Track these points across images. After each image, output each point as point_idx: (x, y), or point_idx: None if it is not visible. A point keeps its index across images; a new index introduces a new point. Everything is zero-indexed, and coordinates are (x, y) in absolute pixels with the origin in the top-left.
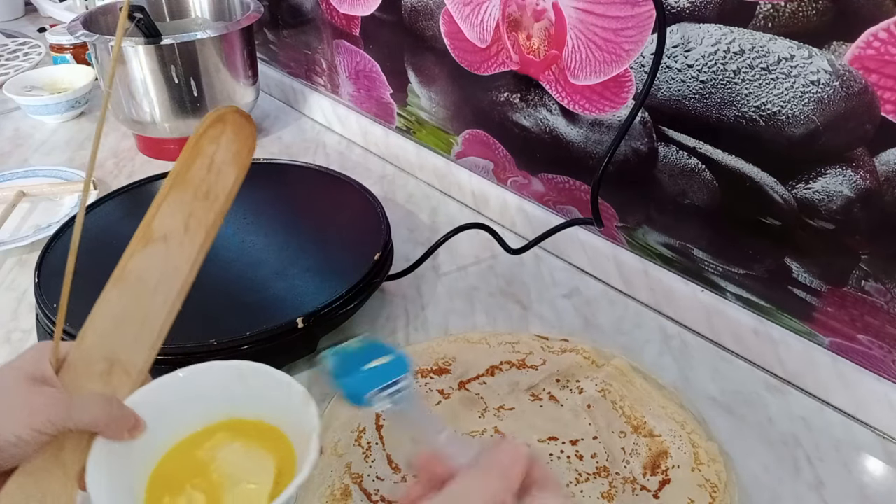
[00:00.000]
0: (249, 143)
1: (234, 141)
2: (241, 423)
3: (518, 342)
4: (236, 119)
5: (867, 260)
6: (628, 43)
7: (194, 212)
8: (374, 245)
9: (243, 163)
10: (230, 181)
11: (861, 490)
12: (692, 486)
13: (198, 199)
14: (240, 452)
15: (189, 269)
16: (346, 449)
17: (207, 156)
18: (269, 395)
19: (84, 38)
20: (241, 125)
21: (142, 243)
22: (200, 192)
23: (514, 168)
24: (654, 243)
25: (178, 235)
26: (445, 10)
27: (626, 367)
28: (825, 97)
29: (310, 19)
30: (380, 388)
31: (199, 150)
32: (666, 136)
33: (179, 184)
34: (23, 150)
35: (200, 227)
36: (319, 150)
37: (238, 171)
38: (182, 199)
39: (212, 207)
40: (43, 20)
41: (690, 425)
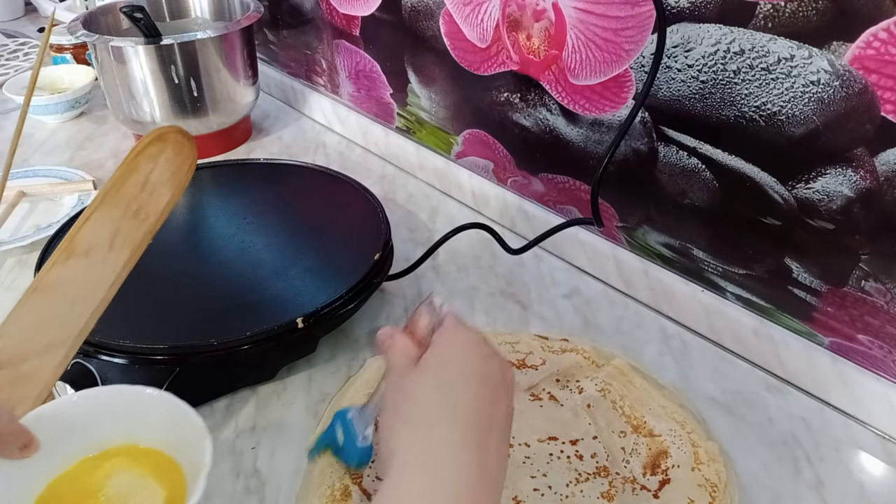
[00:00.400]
0: (189, 163)
1: (172, 161)
2: (140, 451)
3: (518, 342)
4: (177, 139)
5: (867, 260)
6: (628, 43)
7: (122, 229)
8: (374, 245)
9: (180, 183)
10: (164, 201)
11: (861, 490)
12: (692, 486)
13: (127, 217)
14: (132, 481)
15: (109, 287)
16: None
17: (143, 174)
18: (170, 424)
19: (84, 38)
20: (182, 145)
21: (64, 256)
22: (131, 210)
23: (514, 168)
24: (654, 243)
25: (102, 251)
26: (445, 10)
27: (626, 366)
28: (825, 97)
29: (310, 19)
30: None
31: (135, 168)
32: (666, 136)
33: (110, 200)
34: (23, 150)
35: (126, 245)
36: (319, 150)
37: (173, 192)
38: (111, 216)
39: (141, 226)
40: (43, 20)
41: (690, 425)
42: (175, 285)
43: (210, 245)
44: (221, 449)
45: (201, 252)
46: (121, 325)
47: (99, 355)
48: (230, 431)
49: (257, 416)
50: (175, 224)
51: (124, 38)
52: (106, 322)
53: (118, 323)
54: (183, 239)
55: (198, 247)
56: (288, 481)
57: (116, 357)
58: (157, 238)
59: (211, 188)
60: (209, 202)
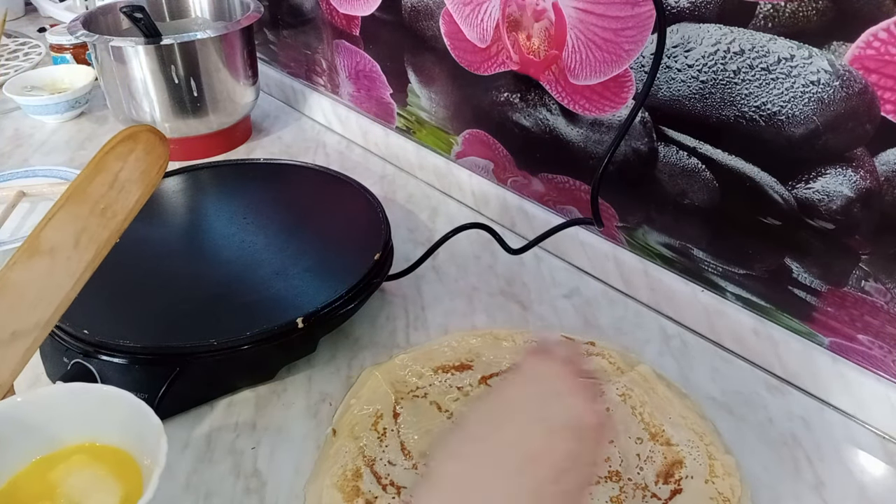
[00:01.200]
0: (160, 163)
1: (143, 160)
2: (100, 449)
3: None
4: (149, 139)
5: (867, 260)
6: (628, 43)
7: (88, 227)
8: (374, 245)
9: (150, 183)
10: (132, 200)
11: (861, 490)
12: (704, 498)
13: (94, 215)
14: (90, 479)
15: (72, 286)
16: (362, 432)
17: (112, 172)
18: (129, 423)
19: (84, 38)
20: (153, 145)
21: (26, 254)
22: (98, 209)
23: (514, 168)
24: (654, 243)
25: (67, 250)
26: (445, 10)
27: (651, 373)
28: (825, 97)
29: (310, 19)
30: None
31: (104, 166)
32: (666, 136)
33: (77, 198)
34: (23, 150)
35: (92, 244)
36: (319, 150)
37: (142, 191)
38: (77, 213)
39: (108, 225)
40: (43, 20)
41: (709, 437)
42: (175, 285)
43: (210, 245)
44: (221, 449)
45: (201, 252)
46: (121, 325)
47: (99, 355)
48: (230, 431)
49: (257, 416)
50: (175, 224)
51: (124, 38)
52: (106, 322)
53: (118, 323)
54: (183, 239)
55: (198, 247)
56: (288, 481)
57: (116, 357)
58: (157, 238)
59: (211, 188)
60: (209, 202)
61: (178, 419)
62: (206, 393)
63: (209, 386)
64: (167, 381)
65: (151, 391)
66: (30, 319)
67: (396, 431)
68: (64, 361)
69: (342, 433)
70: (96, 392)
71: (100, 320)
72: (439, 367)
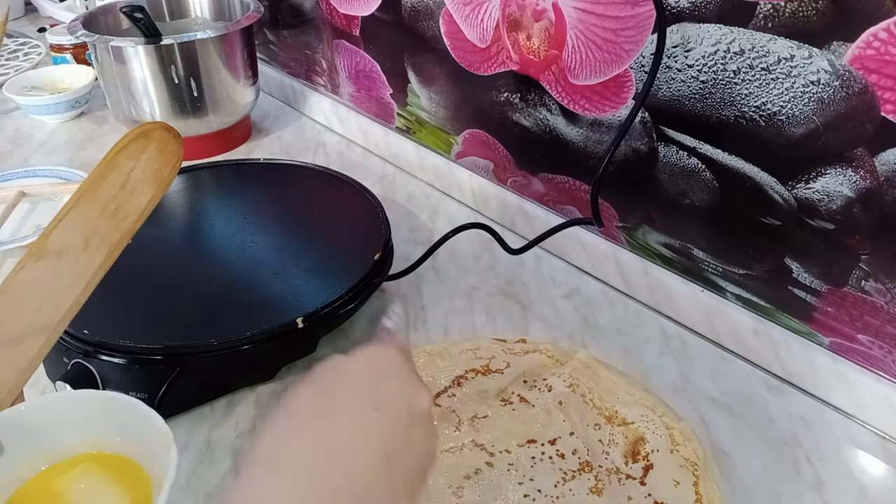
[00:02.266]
0: (173, 161)
1: (155, 159)
2: (108, 458)
3: (479, 348)
4: (162, 136)
5: (867, 260)
6: (628, 43)
7: (98, 228)
8: (374, 245)
9: (163, 182)
10: (144, 200)
11: (861, 490)
12: (674, 468)
13: (105, 216)
14: (97, 488)
15: (82, 289)
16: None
17: (123, 172)
18: (137, 431)
19: (84, 38)
20: (167, 143)
21: (34, 257)
22: (109, 209)
23: (514, 168)
24: (654, 243)
25: (76, 252)
26: (445, 10)
27: (590, 359)
28: (825, 97)
29: (310, 19)
30: None
31: (115, 166)
32: (666, 136)
33: (87, 198)
34: (23, 150)
35: (102, 246)
36: (319, 150)
37: (155, 191)
38: (87, 214)
39: (119, 226)
40: (43, 20)
41: (660, 408)
42: (175, 285)
43: (210, 245)
44: (221, 449)
45: (201, 252)
46: (121, 325)
47: (99, 355)
48: (230, 431)
49: (257, 416)
50: (175, 224)
51: (124, 38)
52: (106, 322)
53: (118, 323)
54: (183, 239)
55: (198, 247)
56: None
57: (116, 357)
58: (157, 238)
59: (211, 188)
60: (209, 202)
61: (178, 419)
62: (206, 393)
63: (209, 386)
64: (167, 381)
65: (151, 391)
66: (37, 322)
67: None
68: (64, 361)
69: None
70: (103, 399)
71: (100, 320)
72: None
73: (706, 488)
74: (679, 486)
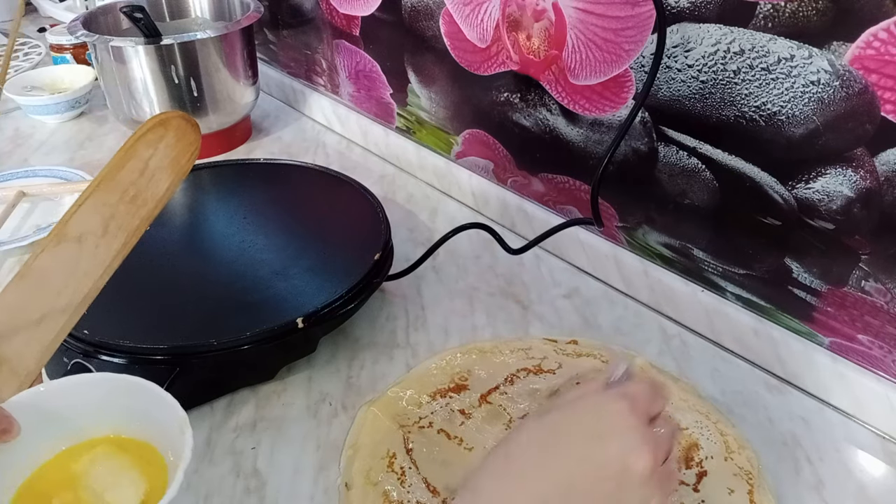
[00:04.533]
0: (191, 150)
1: (173, 147)
2: (125, 441)
3: (530, 348)
4: (180, 125)
5: (867, 260)
6: (628, 43)
7: (117, 215)
8: (374, 245)
9: (181, 170)
10: (162, 187)
11: (861, 490)
12: (729, 476)
13: (123, 203)
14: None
15: (101, 274)
16: (379, 476)
17: (142, 159)
18: (153, 414)
19: (84, 38)
20: (185, 132)
21: (53, 242)
22: (128, 196)
23: (514, 168)
24: (654, 243)
25: (95, 237)
26: (445, 10)
27: (645, 364)
28: (825, 97)
29: (310, 19)
30: None
31: (134, 153)
32: (666, 136)
33: (107, 185)
34: (23, 150)
35: (121, 231)
36: (319, 150)
37: (173, 178)
38: (106, 201)
39: (137, 212)
40: (43, 20)
41: (714, 415)
42: (175, 285)
43: (210, 245)
44: (221, 449)
45: (201, 252)
46: (121, 325)
47: (99, 355)
48: (230, 431)
49: (257, 416)
50: (175, 224)
51: (124, 38)
52: (106, 322)
53: (118, 323)
54: (183, 239)
55: (198, 247)
56: (288, 481)
57: (116, 357)
58: (157, 238)
59: (211, 188)
60: (209, 202)
61: None
62: (206, 393)
63: (209, 386)
64: (167, 381)
65: None
66: (56, 306)
67: (415, 468)
68: (64, 361)
69: (357, 483)
70: (121, 382)
71: (100, 320)
72: (435, 391)
73: (761, 497)
74: (733, 495)
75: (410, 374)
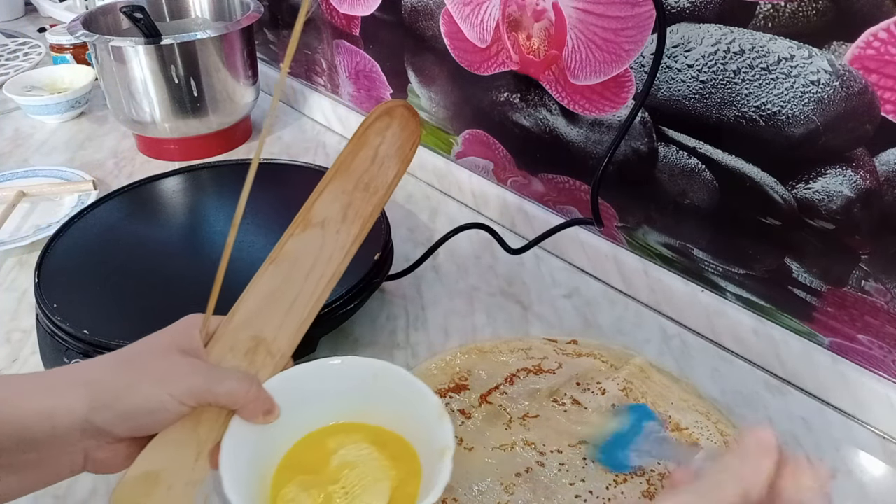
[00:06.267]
0: (413, 138)
1: (398, 135)
2: (371, 428)
3: (530, 348)
4: (403, 113)
5: (867, 260)
6: (628, 43)
7: (353, 202)
8: (374, 245)
9: (406, 157)
10: (391, 174)
11: (861, 490)
12: None
13: (358, 190)
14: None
15: (342, 258)
16: None
17: (372, 147)
18: (402, 401)
19: (84, 38)
20: (407, 120)
21: (301, 227)
22: (362, 183)
23: (514, 168)
24: (654, 243)
25: (336, 223)
26: (445, 10)
27: (645, 364)
28: (825, 97)
29: (310, 19)
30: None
31: (365, 142)
32: (666, 136)
33: (343, 172)
34: (23, 150)
35: (358, 218)
36: (319, 150)
37: (400, 166)
38: (343, 188)
39: (371, 199)
40: (43, 20)
41: (714, 415)
42: (175, 285)
43: (210, 245)
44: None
45: (201, 252)
46: (121, 325)
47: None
48: None
49: None
50: (175, 224)
51: (124, 38)
52: (106, 322)
53: (118, 323)
54: (183, 239)
55: (198, 247)
56: None
57: None
58: (157, 238)
59: (211, 188)
60: (209, 202)
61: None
62: None
63: None
64: None
65: None
66: (305, 289)
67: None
68: (64, 361)
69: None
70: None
71: (100, 320)
72: (436, 391)
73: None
74: None
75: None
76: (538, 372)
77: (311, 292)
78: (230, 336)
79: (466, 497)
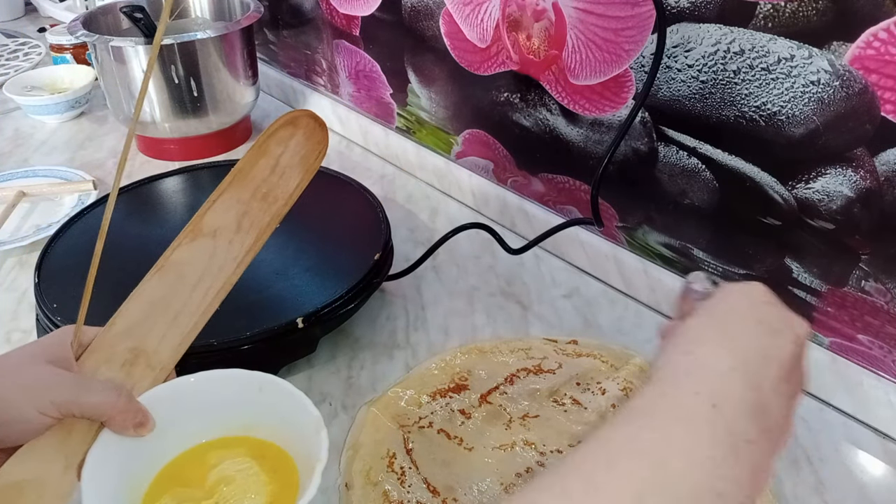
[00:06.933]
0: (319, 148)
1: (303, 145)
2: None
3: (530, 348)
4: (309, 123)
5: (867, 260)
6: (628, 43)
7: (250, 211)
8: (374, 245)
9: (310, 168)
10: (292, 185)
11: (861, 490)
12: None
13: (256, 199)
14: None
15: (234, 269)
16: (379, 476)
17: (273, 157)
18: (285, 414)
19: (84, 38)
20: (313, 130)
21: (190, 236)
22: (260, 193)
23: (514, 168)
24: (654, 243)
25: (229, 233)
26: (445, 10)
27: (645, 364)
28: (825, 97)
29: (310, 19)
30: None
31: (266, 151)
32: (666, 136)
33: (239, 181)
34: (23, 150)
35: (253, 228)
36: None
37: (302, 176)
38: (239, 197)
39: (269, 209)
40: (43, 20)
41: None
42: None
43: None
44: None
45: None
46: None
47: None
48: None
49: None
50: (176, 224)
51: (124, 38)
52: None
53: None
54: None
55: None
56: None
57: None
58: (157, 238)
59: (211, 188)
60: None
61: None
62: None
63: None
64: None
65: None
66: (191, 300)
67: (415, 468)
68: None
69: (357, 483)
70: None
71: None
72: (435, 391)
73: (761, 498)
74: None
75: (410, 374)
76: (538, 372)
77: (197, 303)
78: (107, 347)
79: (466, 497)
